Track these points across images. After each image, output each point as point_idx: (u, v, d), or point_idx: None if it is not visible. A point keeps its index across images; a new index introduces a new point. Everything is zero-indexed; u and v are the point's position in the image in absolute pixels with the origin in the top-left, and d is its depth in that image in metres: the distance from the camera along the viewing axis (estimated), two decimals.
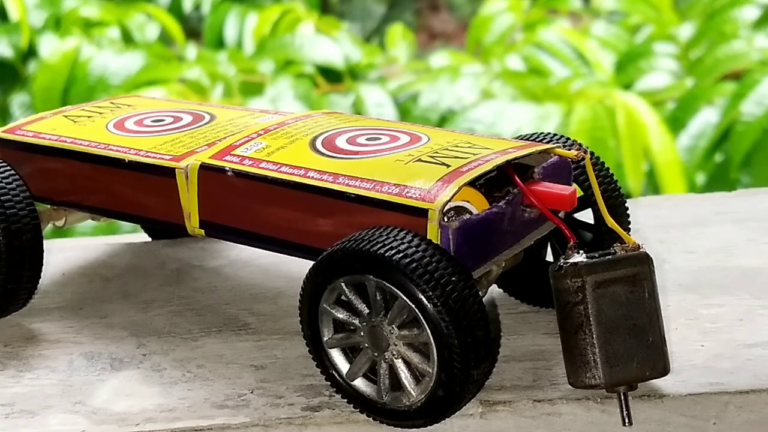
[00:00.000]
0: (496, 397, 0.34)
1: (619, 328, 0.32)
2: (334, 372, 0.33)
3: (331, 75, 1.55)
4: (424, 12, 2.37)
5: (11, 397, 0.35)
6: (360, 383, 0.33)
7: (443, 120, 1.23)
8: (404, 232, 0.32)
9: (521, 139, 0.38)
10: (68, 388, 0.35)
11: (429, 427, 0.33)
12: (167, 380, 0.36)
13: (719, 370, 0.35)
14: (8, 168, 0.40)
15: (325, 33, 1.63)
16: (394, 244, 0.31)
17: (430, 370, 0.31)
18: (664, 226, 0.41)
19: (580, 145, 0.35)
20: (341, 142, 0.37)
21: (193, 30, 1.78)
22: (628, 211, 0.39)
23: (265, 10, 1.66)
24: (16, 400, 0.35)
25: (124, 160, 0.38)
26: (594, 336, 0.32)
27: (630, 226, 0.39)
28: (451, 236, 0.32)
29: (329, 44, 1.57)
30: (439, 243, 0.32)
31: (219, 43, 1.65)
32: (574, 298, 0.32)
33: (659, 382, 0.34)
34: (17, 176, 0.40)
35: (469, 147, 0.35)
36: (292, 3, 1.73)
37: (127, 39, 1.58)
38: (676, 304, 0.40)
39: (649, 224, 0.46)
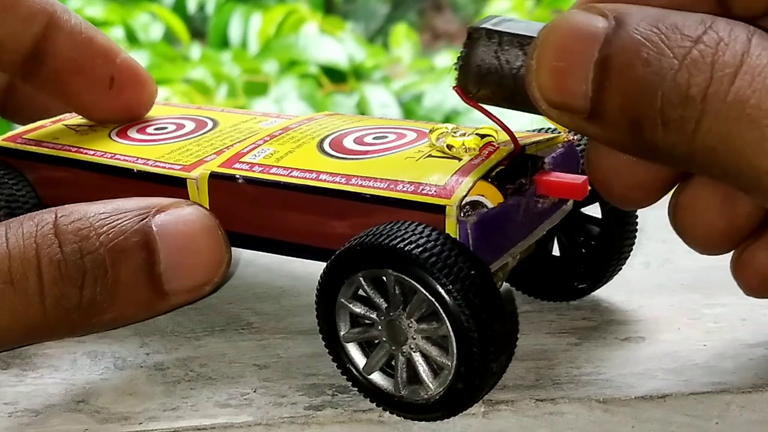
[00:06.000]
0: (498, 396, 0.34)
1: None
2: (350, 366, 0.33)
3: (335, 75, 1.55)
4: (427, 12, 2.37)
5: (14, 396, 0.35)
6: (377, 377, 0.33)
7: (447, 120, 1.23)
8: (422, 226, 0.32)
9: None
10: (71, 387, 0.35)
11: (431, 425, 0.33)
12: (170, 379, 0.36)
13: (722, 369, 0.35)
14: (18, 174, 0.40)
15: (329, 33, 1.63)
16: (413, 238, 0.31)
17: (449, 364, 0.31)
18: (667, 226, 0.40)
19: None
20: (349, 143, 0.37)
21: (197, 30, 1.78)
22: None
23: (269, 10, 1.66)
24: (19, 399, 0.35)
25: (132, 170, 0.38)
26: None
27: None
28: (469, 231, 0.32)
29: (333, 44, 1.57)
30: (457, 238, 0.32)
31: (223, 43, 1.65)
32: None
33: (661, 382, 0.34)
34: (27, 183, 0.40)
35: None
36: (296, 3, 1.73)
37: (132, 39, 1.58)
38: (679, 303, 0.40)
39: (652, 224, 0.46)
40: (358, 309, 0.33)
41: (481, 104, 0.34)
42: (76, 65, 0.41)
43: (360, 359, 0.33)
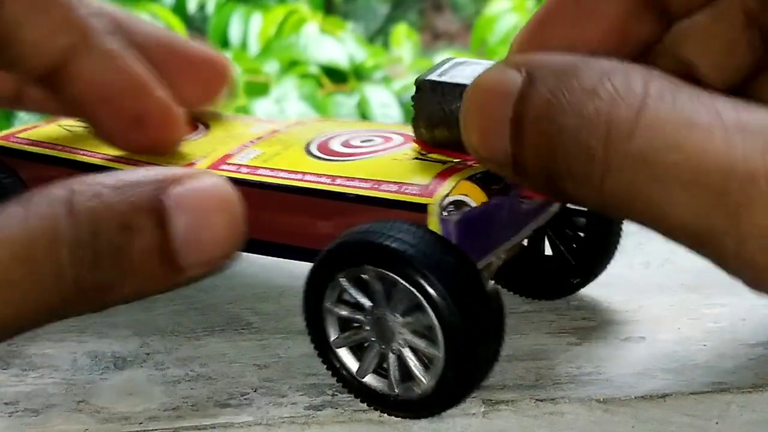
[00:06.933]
0: (498, 396, 0.34)
1: None
2: (344, 371, 0.33)
3: (335, 75, 1.55)
4: (427, 12, 2.37)
5: (15, 396, 0.35)
6: (371, 379, 0.33)
7: None
8: (399, 222, 0.32)
9: None
10: (72, 387, 0.35)
11: (431, 425, 0.33)
12: (170, 379, 0.36)
13: (722, 369, 0.35)
14: (10, 171, 0.40)
15: (329, 33, 1.63)
16: (386, 231, 0.31)
17: (438, 353, 0.31)
18: None
19: None
20: (336, 146, 0.37)
21: (197, 30, 1.78)
22: None
23: (269, 10, 1.66)
24: (19, 399, 0.35)
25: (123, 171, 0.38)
26: None
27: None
28: (452, 230, 0.32)
29: (334, 44, 1.57)
30: None
31: (223, 44, 1.65)
32: None
33: (661, 382, 0.34)
34: (18, 179, 0.40)
35: None
36: (296, 3, 1.72)
37: None
38: (679, 303, 0.40)
39: None
40: (345, 312, 0.33)
41: (442, 150, 0.35)
42: (101, 94, 0.39)
43: (353, 363, 0.33)
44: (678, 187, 0.26)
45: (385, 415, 0.33)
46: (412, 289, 0.31)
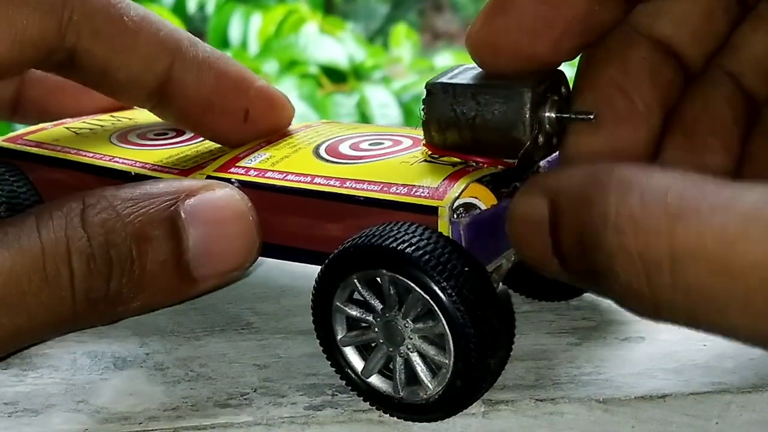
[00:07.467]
0: (498, 396, 0.34)
1: None
2: (349, 370, 0.33)
3: (335, 75, 1.55)
4: (427, 12, 2.37)
5: (14, 396, 0.35)
6: (375, 380, 0.33)
7: None
8: (415, 225, 0.32)
9: None
10: (71, 387, 0.35)
11: (431, 425, 0.33)
12: (170, 379, 0.36)
13: (721, 369, 0.35)
14: (19, 172, 0.40)
15: (329, 33, 1.63)
16: (406, 237, 0.31)
17: (447, 362, 0.31)
18: None
19: None
20: (345, 149, 0.37)
21: (197, 30, 1.78)
22: None
23: (269, 10, 1.66)
24: (19, 399, 0.35)
25: (130, 173, 0.38)
26: None
27: None
28: (462, 232, 0.32)
29: (333, 44, 1.57)
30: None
31: (223, 44, 1.65)
32: None
33: (661, 382, 0.34)
34: (28, 180, 0.40)
35: None
36: (296, 3, 1.73)
37: None
38: None
39: None
40: (355, 312, 0.33)
41: (453, 152, 0.35)
42: (206, 103, 0.39)
43: (358, 363, 0.33)
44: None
45: (386, 414, 0.33)
46: (427, 297, 0.31)
